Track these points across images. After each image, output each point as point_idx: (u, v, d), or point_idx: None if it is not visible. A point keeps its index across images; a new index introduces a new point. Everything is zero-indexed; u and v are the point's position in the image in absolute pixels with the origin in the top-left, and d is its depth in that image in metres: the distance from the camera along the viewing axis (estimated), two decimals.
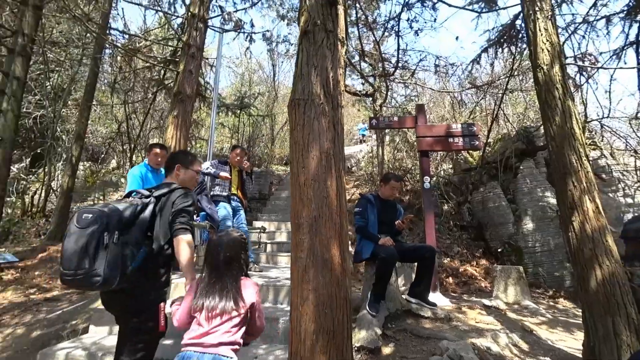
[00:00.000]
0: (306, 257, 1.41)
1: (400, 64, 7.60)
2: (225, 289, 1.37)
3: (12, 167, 7.42)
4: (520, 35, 5.85)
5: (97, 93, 8.28)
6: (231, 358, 1.33)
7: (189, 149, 6.85)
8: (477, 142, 4.47)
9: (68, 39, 8.44)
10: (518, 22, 5.58)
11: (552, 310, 4.35)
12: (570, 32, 5.34)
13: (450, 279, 5.40)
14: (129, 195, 1.75)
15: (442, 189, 7.55)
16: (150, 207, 1.60)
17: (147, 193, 1.69)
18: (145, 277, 1.56)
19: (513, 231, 6.40)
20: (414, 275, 4.82)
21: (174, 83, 5.00)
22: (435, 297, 3.79)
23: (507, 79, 7.24)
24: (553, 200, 6.44)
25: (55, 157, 8.58)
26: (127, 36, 7.28)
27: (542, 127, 7.40)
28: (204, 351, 1.30)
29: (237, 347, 1.37)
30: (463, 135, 4.41)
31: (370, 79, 7.51)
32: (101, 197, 7.89)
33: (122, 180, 8.94)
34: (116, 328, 2.56)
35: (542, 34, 2.83)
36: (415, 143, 9.87)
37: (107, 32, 6.54)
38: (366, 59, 7.23)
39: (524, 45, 6.55)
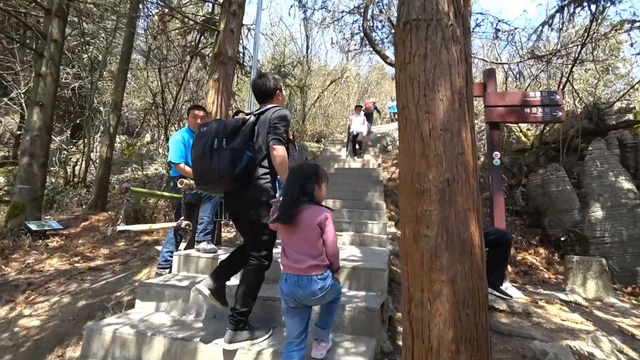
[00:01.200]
0: (436, 235, 0.99)
1: None
2: (293, 212, 1.51)
3: (54, 138, 7.55)
4: None
5: (131, 65, 8.13)
6: (318, 276, 1.47)
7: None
8: (559, 114, 3.81)
9: (102, 9, 8.26)
10: None
11: None
12: None
13: (509, 268, 4.88)
14: (236, 114, 2.07)
15: None
16: (252, 121, 1.88)
17: (248, 112, 1.99)
18: (251, 178, 1.85)
19: (579, 219, 5.69)
20: None
21: (213, 45, 4.64)
22: (505, 287, 3.34)
23: (580, 46, 6.24)
24: (628, 186, 5.65)
25: (94, 128, 8.66)
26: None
27: (616, 104, 6.50)
28: (293, 272, 1.50)
29: (319, 262, 1.49)
30: (543, 105, 3.78)
31: None
32: (139, 168, 7.90)
33: (160, 151, 8.93)
34: (163, 304, 2.39)
35: None
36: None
37: None
38: None
39: (609, 3, 5.57)
